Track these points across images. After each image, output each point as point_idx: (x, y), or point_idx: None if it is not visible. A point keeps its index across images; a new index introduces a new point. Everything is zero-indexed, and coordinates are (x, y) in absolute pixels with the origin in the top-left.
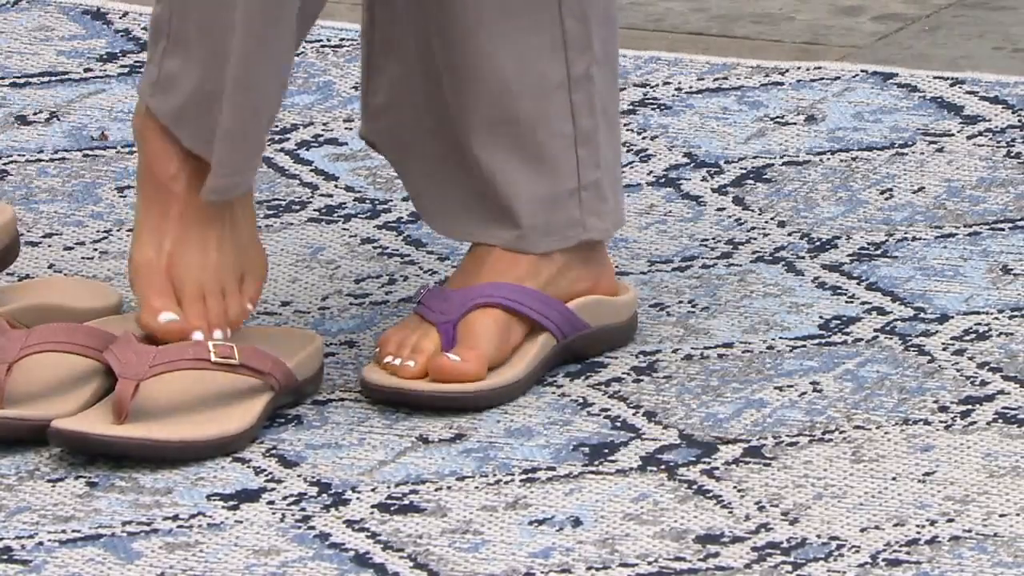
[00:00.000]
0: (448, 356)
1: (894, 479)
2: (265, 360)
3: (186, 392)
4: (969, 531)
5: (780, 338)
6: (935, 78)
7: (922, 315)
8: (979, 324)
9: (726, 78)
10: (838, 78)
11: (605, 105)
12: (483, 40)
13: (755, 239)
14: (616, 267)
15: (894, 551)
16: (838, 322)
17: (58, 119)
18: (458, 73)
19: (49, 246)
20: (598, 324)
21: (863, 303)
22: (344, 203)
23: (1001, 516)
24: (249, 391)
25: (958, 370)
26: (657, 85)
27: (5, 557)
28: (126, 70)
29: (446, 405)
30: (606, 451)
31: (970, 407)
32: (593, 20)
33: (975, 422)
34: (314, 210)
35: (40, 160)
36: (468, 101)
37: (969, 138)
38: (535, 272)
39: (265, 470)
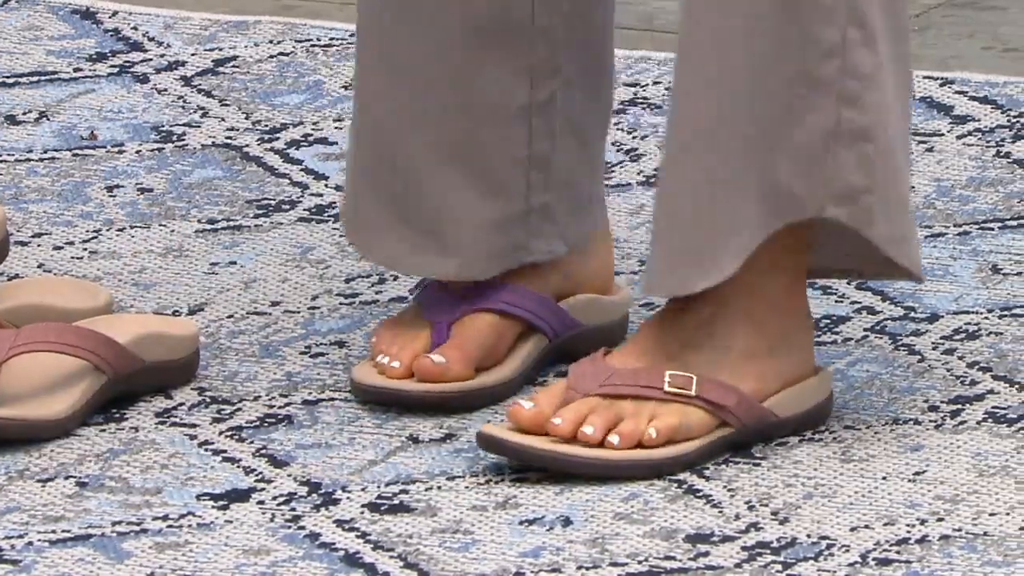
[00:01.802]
0: (432, 357)
1: (884, 478)
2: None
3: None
4: (959, 530)
5: None
6: (925, 78)
7: (912, 314)
8: (969, 323)
9: None
10: None
11: (578, 122)
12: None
13: None
14: None
15: (884, 550)
16: (828, 321)
17: (47, 119)
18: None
19: (39, 245)
20: (590, 323)
21: (853, 302)
22: (334, 202)
23: (991, 515)
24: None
25: (948, 369)
26: (647, 85)
27: None
28: (115, 70)
29: (436, 404)
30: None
31: (960, 406)
32: (561, 43)
33: (965, 421)
34: (304, 209)
35: (30, 160)
36: (418, 124)
37: (959, 138)
38: (540, 276)
39: (255, 470)
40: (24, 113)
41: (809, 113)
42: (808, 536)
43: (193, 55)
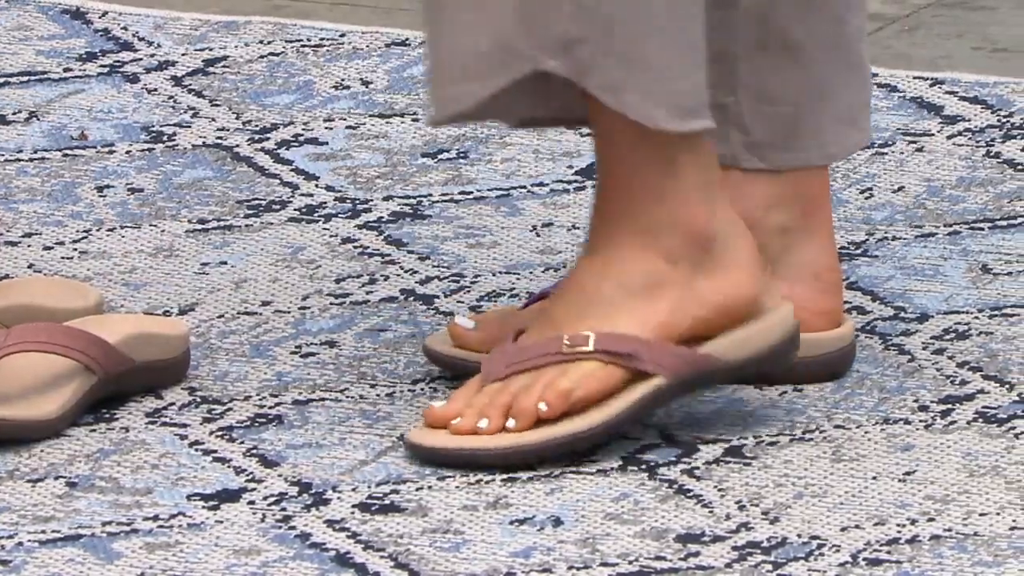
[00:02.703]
0: (460, 321)
1: (874, 478)
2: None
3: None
4: (949, 530)
5: None
6: (915, 78)
7: (902, 314)
8: (959, 323)
9: None
10: None
11: (785, 35)
12: None
13: None
14: None
15: (874, 550)
16: None
17: (37, 119)
18: None
19: (28, 246)
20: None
21: (843, 302)
22: (325, 203)
23: (981, 515)
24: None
25: (938, 369)
26: None
27: None
28: (105, 70)
29: (461, 370)
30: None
31: (950, 406)
32: None
33: (955, 421)
34: (294, 210)
35: (19, 160)
36: None
37: (949, 138)
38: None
39: (245, 470)
40: (14, 113)
41: None
42: (798, 536)
43: (183, 55)
